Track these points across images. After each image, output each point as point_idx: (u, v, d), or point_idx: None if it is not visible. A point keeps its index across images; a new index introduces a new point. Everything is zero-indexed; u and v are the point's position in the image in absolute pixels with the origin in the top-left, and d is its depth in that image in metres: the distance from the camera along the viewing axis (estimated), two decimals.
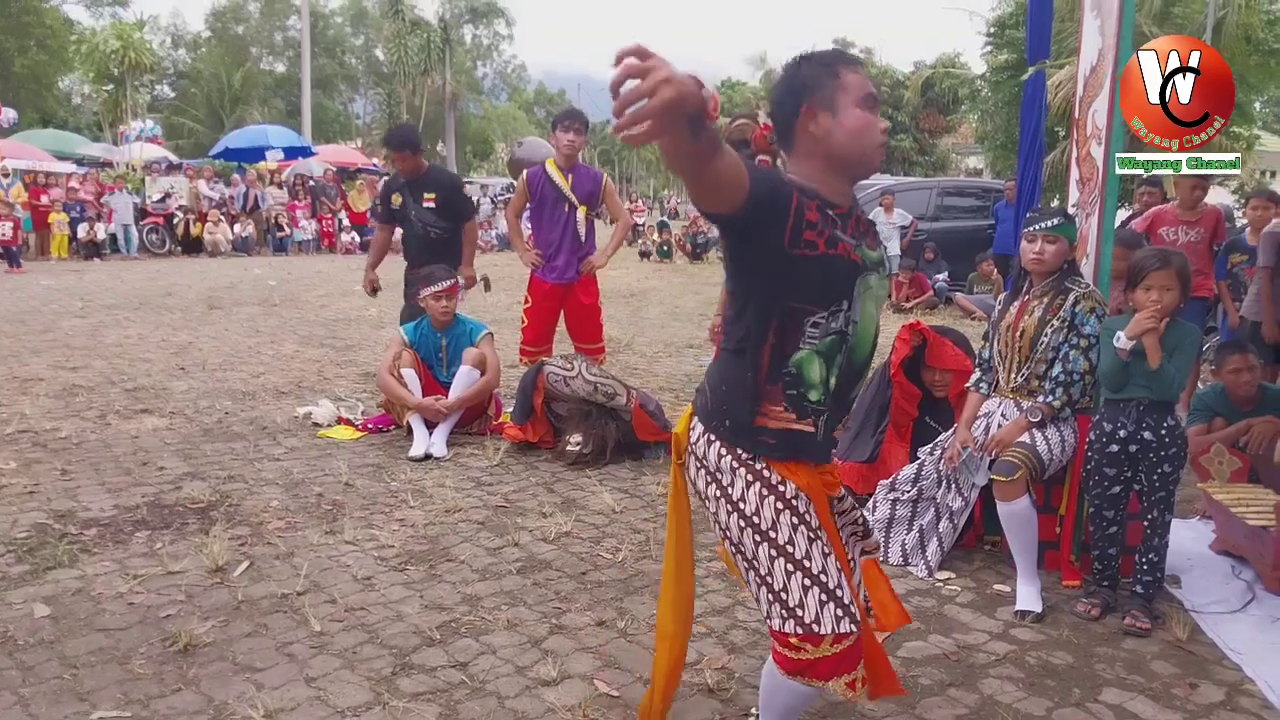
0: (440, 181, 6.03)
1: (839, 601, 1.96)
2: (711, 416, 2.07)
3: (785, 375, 1.97)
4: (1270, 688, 2.82)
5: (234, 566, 3.51)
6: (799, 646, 1.96)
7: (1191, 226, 6.02)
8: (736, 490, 2.02)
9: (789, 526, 1.99)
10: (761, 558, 2.01)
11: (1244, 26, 17.63)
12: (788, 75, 2.02)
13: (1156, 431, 3.24)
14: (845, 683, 1.97)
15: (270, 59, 50.48)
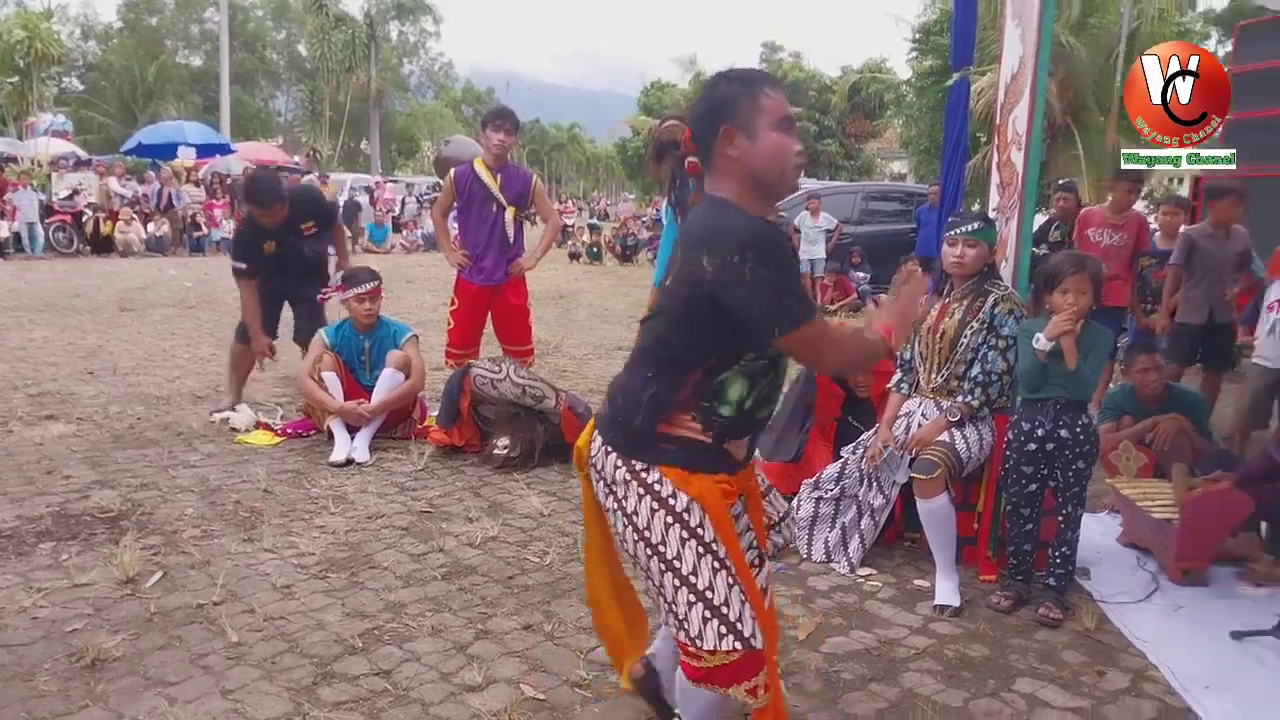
0: (307, 203, 5.75)
1: (723, 618, 1.95)
2: (610, 428, 2.07)
3: (705, 391, 2.00)
4: (1172, 674, 2.94)
5: (146, 577, 3.40)
6: (696, 654, 1.97)
7: (1118, 230, 6.23)
8: (630, 504, 2.03)
9: (678, 542, 1.98)
10: (653, 570, 2.02)
11: (1156, 38, 18.33)
12: (707, 94, 2.04)
13: (1072, 430, 3.35)
14: (746, 689, 1.97)
15: (186, 52, 49.08)
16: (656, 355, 2.03)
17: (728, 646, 1.94)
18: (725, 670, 1.96)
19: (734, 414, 2.02)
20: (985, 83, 15.32)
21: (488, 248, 5.52)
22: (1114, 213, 6.30)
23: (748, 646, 1.95)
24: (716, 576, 1.97)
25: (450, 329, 5.71)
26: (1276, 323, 4.96)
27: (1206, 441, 4.38)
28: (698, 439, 2.02)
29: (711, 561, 1.98)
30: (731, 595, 1.97)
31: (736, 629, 1.95)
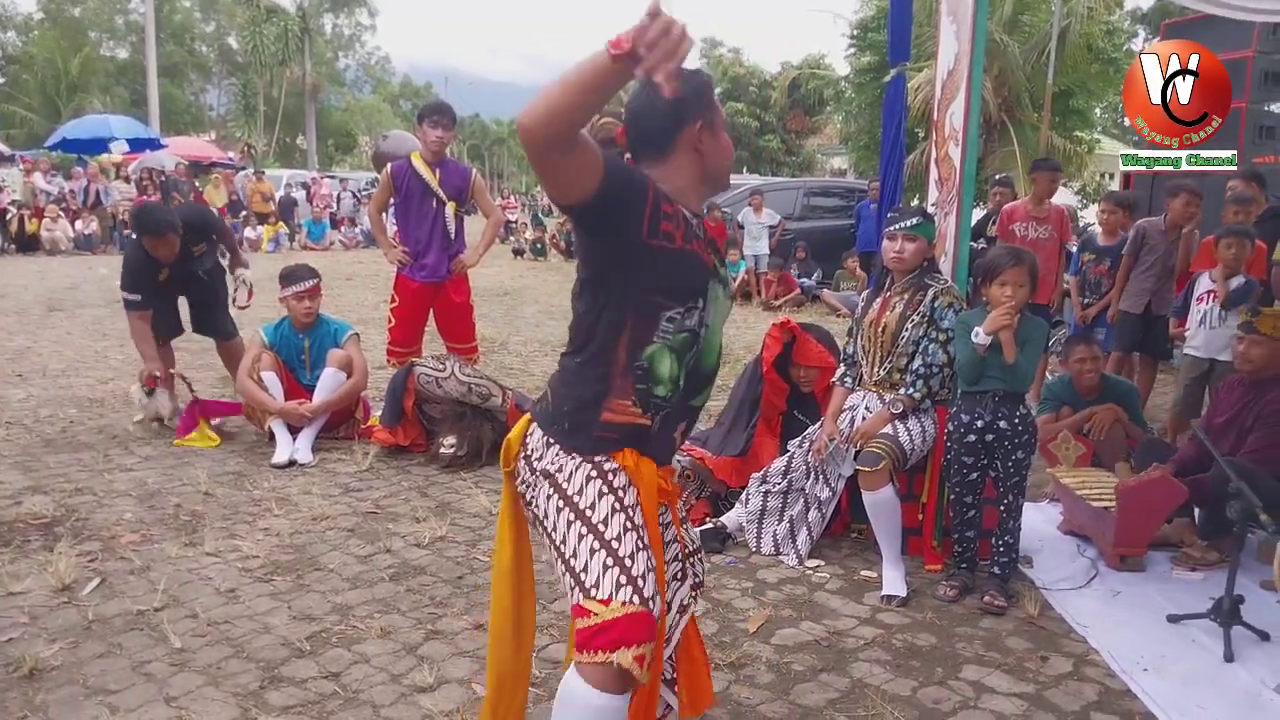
0: (197, 227, 5.49)
1: (625, 570, 1.87)
2: (552, 420, 2.03)
3: (637, 368, 1.96)
4: (1112, 657, 3.02)
5: (83, 584, 3.31)
6: (585, 610, 1.85)
7: (1041, 223, 6.37)
8: (572, 479, 1.97)
9: (595, 494, 1.94)
10: (570, 538, 1.93)
11: (1086, 36, 18.78)
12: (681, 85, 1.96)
13: (1010, 421, 3.42)
14: (634, 655, 1.80)
15: (111, 44, 47.67)
16: (581, 335, 2.00)
17: (624, 597, 1.84)
18: (616, 626, 1.82)
19: (669, 393, 1.99)
20: (922, 79, 15.53)
21: (429, 244, 5.46)
22: (1035, 204, 6.46)
23: (644, 605, 1.85)
24: (627, 534, 1.91)
25: (392, 327, 5.63)
26: (1206, 314, 5.12)
27: (1141, 430, 4.52)
28: (639, 422, 1.98)
29: (624, 519, 1.92)
30: (639, 555, 1.90)
31: (636, 584, 1.86)
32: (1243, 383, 3.92)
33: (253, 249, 18.78)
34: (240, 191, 20.43)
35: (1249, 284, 5.02)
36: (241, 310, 5.90)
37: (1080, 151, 20.85)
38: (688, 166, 2.00)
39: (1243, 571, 3.26)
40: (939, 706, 2.72)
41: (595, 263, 1.96)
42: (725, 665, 2.90)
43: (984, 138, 18.51)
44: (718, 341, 2.08)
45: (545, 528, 2.02)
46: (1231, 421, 3.89)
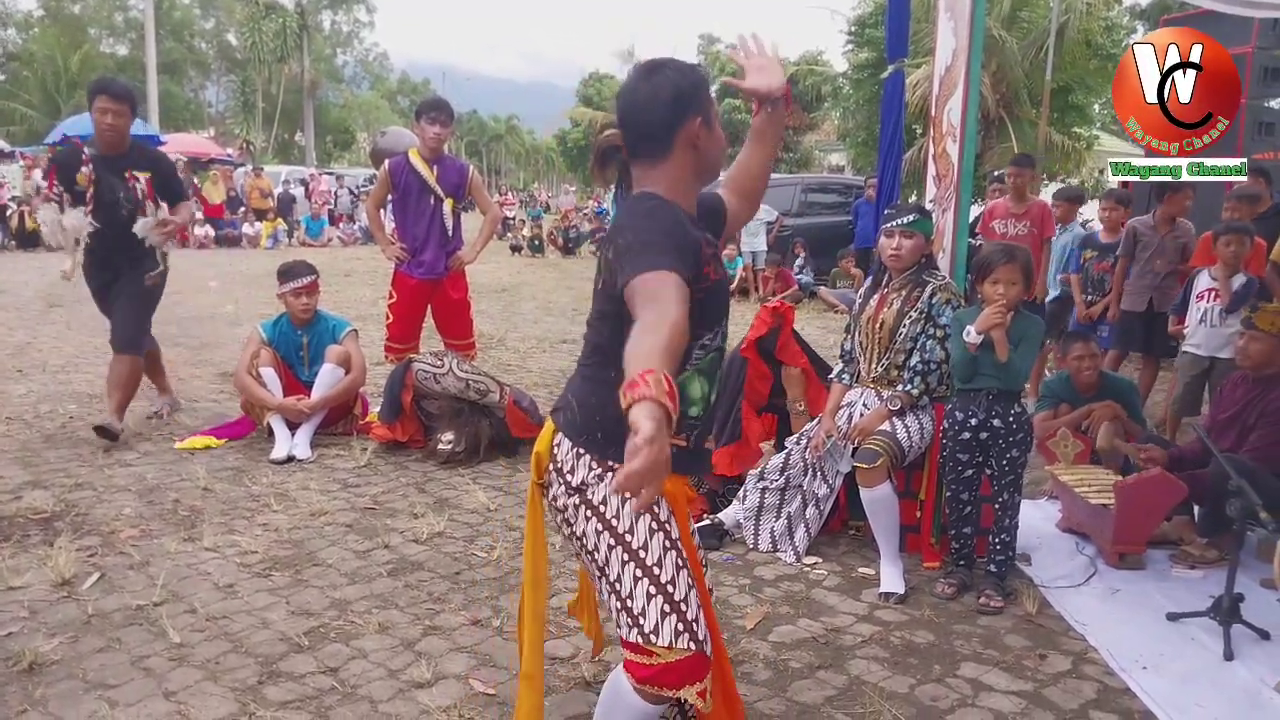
0: (152, 156, 5.16)
1: (681, 615, 1.91)
2: (581, 431, 2.01)
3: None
4: (1111, 655, 3.02)
5: (83, 579, 3.31)
6: (649, 650, 1.90)
7: (1020, 219, 6.40)
8: (608, 501, 1.97)
9: (646, 531, 1.95)
10: (614, 563, 1.96)
11: (1084, 32, 18.76)
12: (676, 81, 1.96)
13: (1005, 419, 3.41)
14: (696, 692, 1.90)
15: (111, 41, 47.61)
16: (610, 357, 1.94)
17: (683, 645, 1.89)
18: (678, 668, 1.89)
19: (701, 412, 2.02)
20: (920, 75, 15.53)
21: (427, 241, 5.45)
22: (1015, 201, 6.49)
23: (700, 648, 1.91)
24: (679, 574, 1.94)
25: (390, 323, 5.63)
26: (1206, 311, 5.12)
27: (1140, 428, 4.51)
28: (674, 443, 1.89)
29: (676, 558, 1.95)
30: (690, 596, 1.94)
31: (692, 629, 1.91)
32: (1247, 380, 3.92)
33: (251, 245, 18.78)
34: (239, 188, 20.42)
35: (1250, 282, 5.02)
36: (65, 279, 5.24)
37: (1079, 148, 20.85)
38: (686, 163, 1.99)
39: (1242, 570, 3.26)
40: (937, 704, 2.71)
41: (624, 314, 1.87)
42: None
43: (982, 134, 18.49)
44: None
45: (588, 551, 2.02)
46: (1234, 418, 3.88)
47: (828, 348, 7.54)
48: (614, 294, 1.87)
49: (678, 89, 1.96)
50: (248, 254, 17.39)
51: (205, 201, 19.40)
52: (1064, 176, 22.52)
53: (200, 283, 12.24)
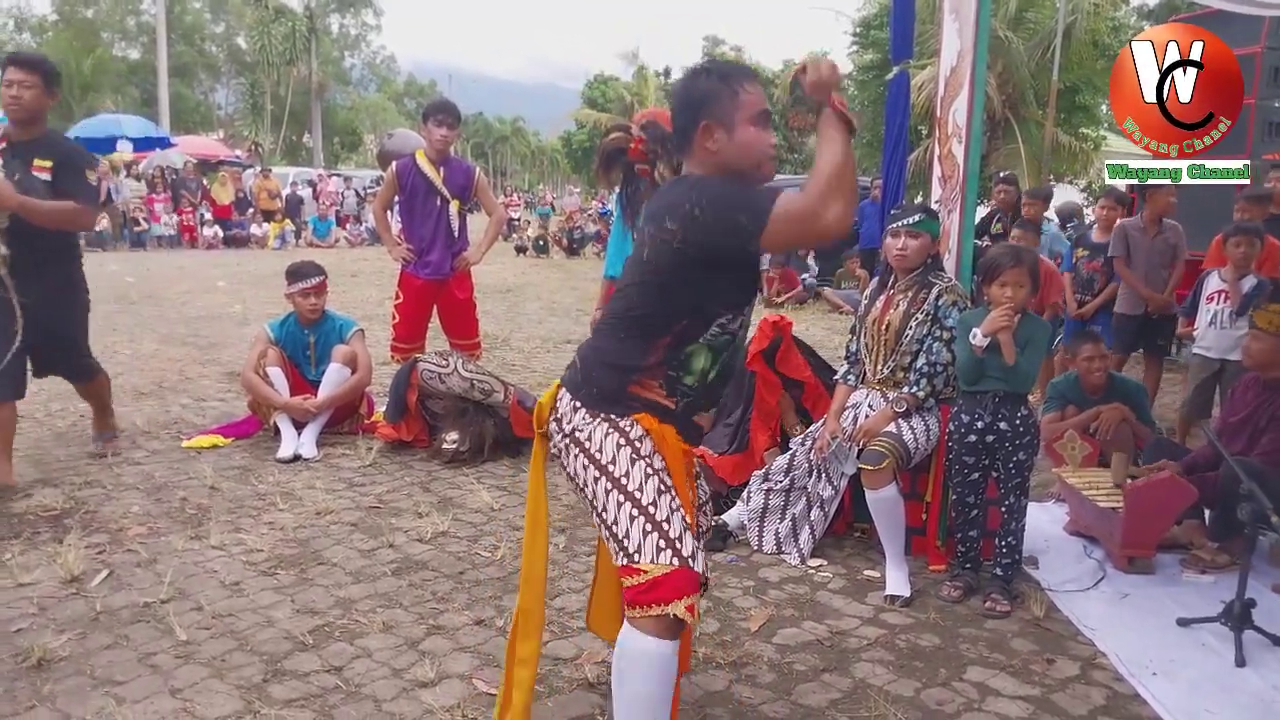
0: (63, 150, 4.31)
1: (663, 534, 2.00)
2: (580, 386, 2.16)
3: (674, 360, 2.11)
4: (1120, 660, 2.99)
5: (91, 576, 3.32)
6: (633, 569, 2.00)
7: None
8: (594, 442, 2.11)
9: (628, 460, 2.07)
10: (600, 494, 2.08)
11: (1091, 32, 18.71)
12: (687, 87, 2.14)
13: (1011, 422, 3.39)
14: (685, 606, 1.97)
15: (123, 45, 47.79)
16: (628, 321, 2.13)
17: (665, 561, 1.98)
18: (664, 583, 1.97)
19: (697, 384, 2.15)
20: (925, 76, 15.49)
21: (433, 242, 5.46)
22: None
23: (684, 564, 1.99)
24: (661, 496, 2.05)
25: (396, 323, 5.63)
26: (1217, 314, 5.09)
27: (1149, 430, 4.49)
28: (663, 403, 2.12)
29: (658, 483, 2.06)
30: (674, 517, 2.04)
31: (675, 546, 2.00)
32: (1258, 383, 3.89)
33: (259, 246, 18.84)
34: (247, 189, 20.48)
35: (1260, 284, 4.99)
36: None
37: (1086, 149, 20.78)
38: (708, 165, 2.11)
39: (1254, 574, 3.22)
40: (942, 708, 2.70)
41: (680, 271, 2.04)
42: (727, 664, 2.88)
43: (988, 135, 18.45)
44: (747, 337, 2.25)
45: (584, 493, 2.16)
46: (1246, 421, 3.85)
47: (833, 349, 7.52)
48: (659, 263, 2.04)
49: (688, 94, 2.12)
50: (256, 254, 17.44)
51: (214, 202, 19.48)
52: (1071, 178, 22.46)
53: (209, 283, 12.29)
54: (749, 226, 1.94)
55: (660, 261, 2.05)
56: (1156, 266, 5.85)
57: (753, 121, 2.08)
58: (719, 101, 2.07)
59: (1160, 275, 5.84)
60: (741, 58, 46.42)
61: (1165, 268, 5.84)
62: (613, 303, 2.19)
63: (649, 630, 1.99)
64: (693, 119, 2.09)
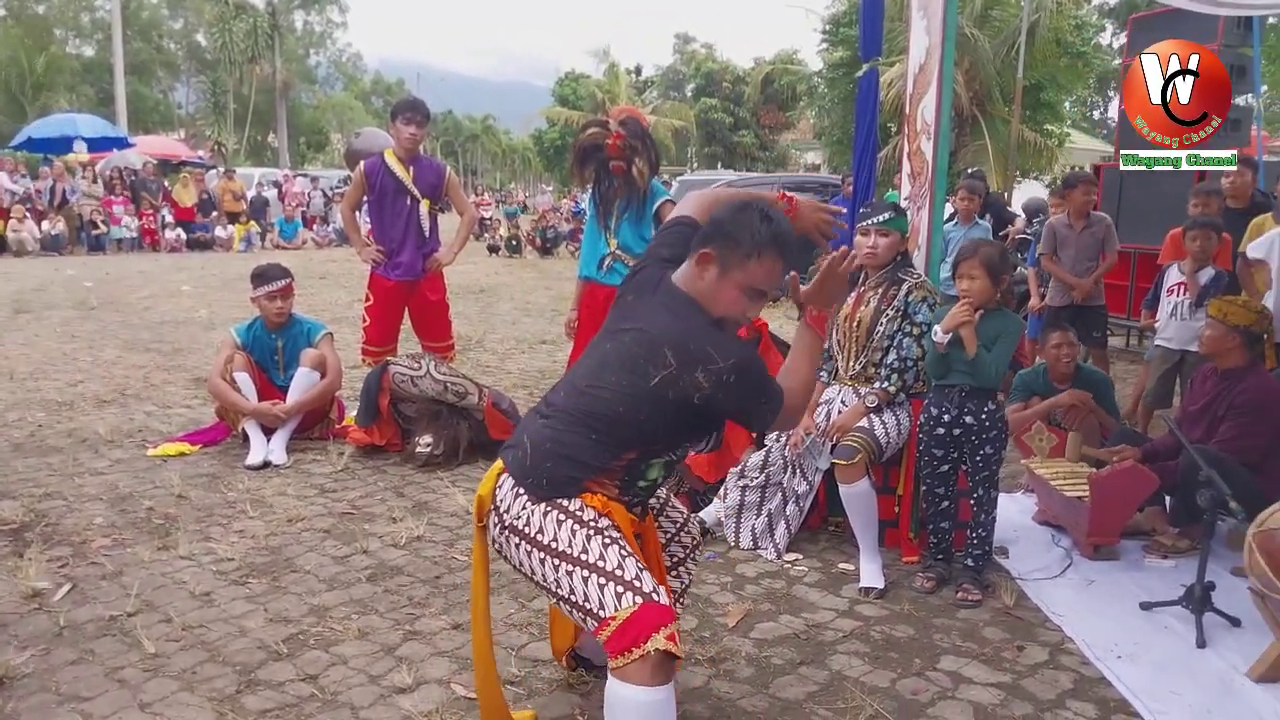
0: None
1: (618, 580, 1.98)
2: (528, 474, 2.13)
3: (633, 469, 2.15)
4: (1087, 645, 3.05)
5: (54, 590, 3.27)
6: (604, 623, 1.97)
7: None
8: (534, 526, 2.09)
9: (568, 534, 2.05)
10: (550, 574, 2.07)
11: (1055, 30, 18.94)
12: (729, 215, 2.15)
13: (977, 416, 3.43)
14: (665, 637, 1.92)
15: (77, 42, 47.05)
16: (606, 424, 2.10)
17: (628, 603, 1.95)
18: (636, 621, 1.92)
19: (647, 487, 2.22)
20: (894, 74, 15.61)
21: (404, 242, 5.41)
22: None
23: (649, 599, 1.95)
24: (608, 549, 2.03)
25: (366, 326, 5.58)
26: (1177, 306, 5.19)
27: (1114, 420, 4.56)
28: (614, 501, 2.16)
29: (602, 540, 2.04)
30: (626, 562, 2.02)
31: (635, 586, 1.98)
32: (1216, 373, 3.97)
33: (224, 248, 18.63)
34: (211, 190, 20.22)
35: (1218, 276, 5.09)
36: None
37: (1051, 145, 21.04)
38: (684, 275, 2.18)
39: (1213, 559, 3.29)
40: (917, 697, 2.73)
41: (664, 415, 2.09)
42: (705, 660, 2.90)
43: (956, 132, 18.61)
44: None
45: (534, 580, 2.14)
46: (1204, 410, 3.93)
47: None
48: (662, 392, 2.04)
49: (716, 220, 2.16)
50: (221, 257, 17.24)
51: (176, 204, 19.22)
52: (1037, 174, 22.73)
53: (173, 287, 12.13)
54: (768, 415, 2.15)
55: (671, 397, 2.05)
56: (1084, 259, 5.96)
57: (743, 288, 2.12)
58: (735, 249, 2.10)
59: (1088, 267, 5.95)
60: (712, 55, 46.52)
61: (1093, 260, 5.95)
62: (587, 399, 2.13)
63: (636, 679, 1.91)
64: (705, 239, 2.14)
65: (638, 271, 2.30)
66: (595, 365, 2.15)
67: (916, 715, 2.64)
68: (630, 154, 4.19)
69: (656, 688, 1.91)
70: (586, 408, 2.11)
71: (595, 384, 2.12)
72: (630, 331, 2.11)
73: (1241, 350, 3.85)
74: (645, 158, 4.22)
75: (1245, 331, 3.82)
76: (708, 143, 43.06)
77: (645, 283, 2.22)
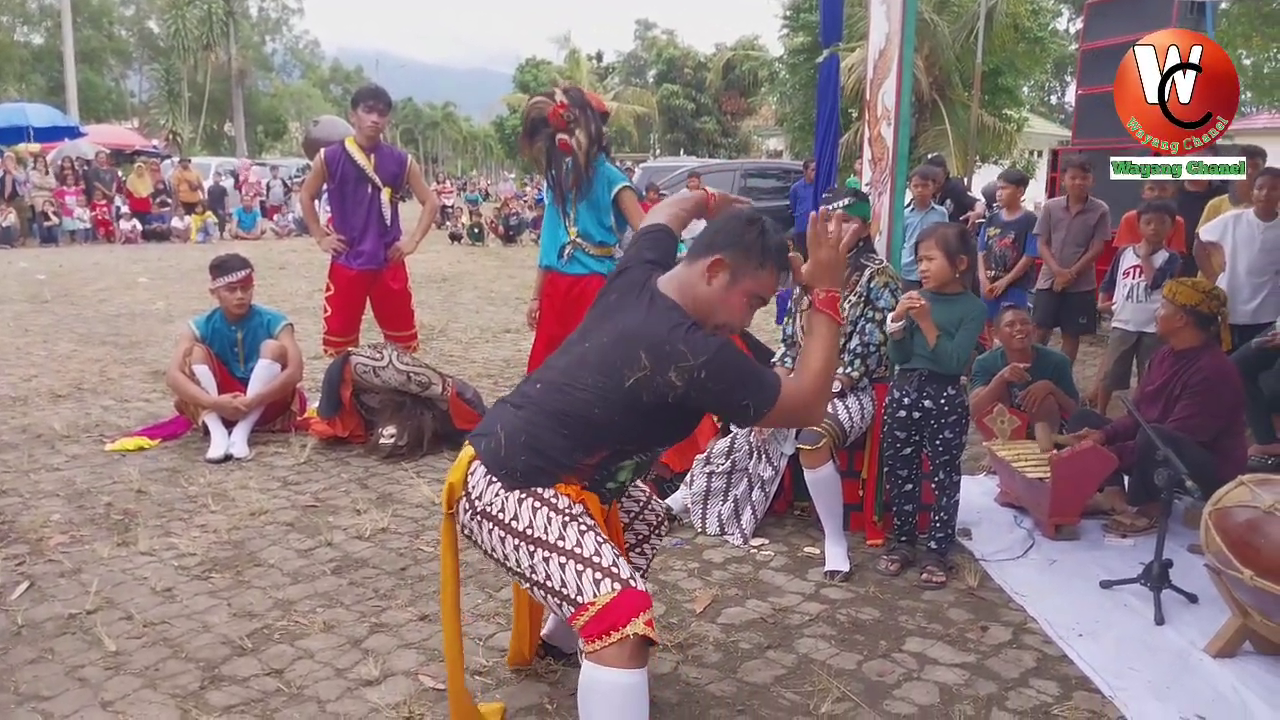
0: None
1: (595, 566, 2.00)
2: (501, 465, 2.13)
3: (604, 468, 2.16)
4: (1049, 624, 3.10)
5: (10, 589, 3.21)
6: (581, 609, 1.98)
7: None
8: (508, 513, 2.09)
9: (544, 521, 2.07)
10: (524, 559, 2.07)
11: (1012, 16, 19.12)
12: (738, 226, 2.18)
13: (936, 401, 3.47)
14: (643, 622, 1.95)
15: (25, 30, 45.93)
16: (578, 423, 2.11)
17: (607, 589, 1.98)
18: (615, 607, 1.95)
19: (617, 488, 2.25)
20: (855, 59, 15.71)
21: (365, 231, 5.35)
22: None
23: (627, 585, 1.99)
24: (585, 535, 2.05)
25: (328, 316, 5.51)
26: (1133, 288, 5.26)
27: (1073, 401, 4.62)
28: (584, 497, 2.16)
29: (578, 526, 2.06)
30: (603, 549, 2.04)
31: (612, 573, 2.00)
32: (1172, 354, 4.03)
33: (181, 240, 18.33)
34: (166, 180, 19.87)
35: (1172, 259, 5.17)
36: None
37: (1009, 130, 21.25)
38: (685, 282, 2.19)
39: (1171, 537, 3.36)
40: (884, 679, 2.76)
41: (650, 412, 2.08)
42: (673, 646, 2.91)
43: (916, 117, 18.75)
44: None
45: (505, 566, 2.14)
46: (1160, 390, 3.99)
47: (771, 330, 7.61)
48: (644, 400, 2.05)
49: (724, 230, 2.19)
50: (178, 248, 16.94)
51: (131, 195, 18.86)
52: (996, 158, 22.96)
53: (129, 279, 11.92)
54: (751, 413, 2.07)
55: (645, 399, 2.05)
56: (1073, 244, 6.03)
57: (748, 296, 2.18)
58: (747, 258, 2.15)
59: (1076, 253, 6.01)
60: (674, 41, 46.40)
61: (1082, 245, 6.02)
62: (563, 396, 2.12)
63: (614, 662, 1.94)
64: (712, 245, 2.16)
65: (622, 272, 2.31)
66: (573, 363, 2.16)
67: (883, 697, 2.67)
68: (572, 125, 4.15)
69: (633, 670, 1.95)
70: (561, 406, 2.11)
71: (571, 383, 2.12)
72: (608, 332, 2.13)
73: (1193, 330, 3.91)
74: (585, 129, 4.17)
75: (1193, 311, 3.87)
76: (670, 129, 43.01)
77: (630, 284, 2.22)
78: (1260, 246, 5.02)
